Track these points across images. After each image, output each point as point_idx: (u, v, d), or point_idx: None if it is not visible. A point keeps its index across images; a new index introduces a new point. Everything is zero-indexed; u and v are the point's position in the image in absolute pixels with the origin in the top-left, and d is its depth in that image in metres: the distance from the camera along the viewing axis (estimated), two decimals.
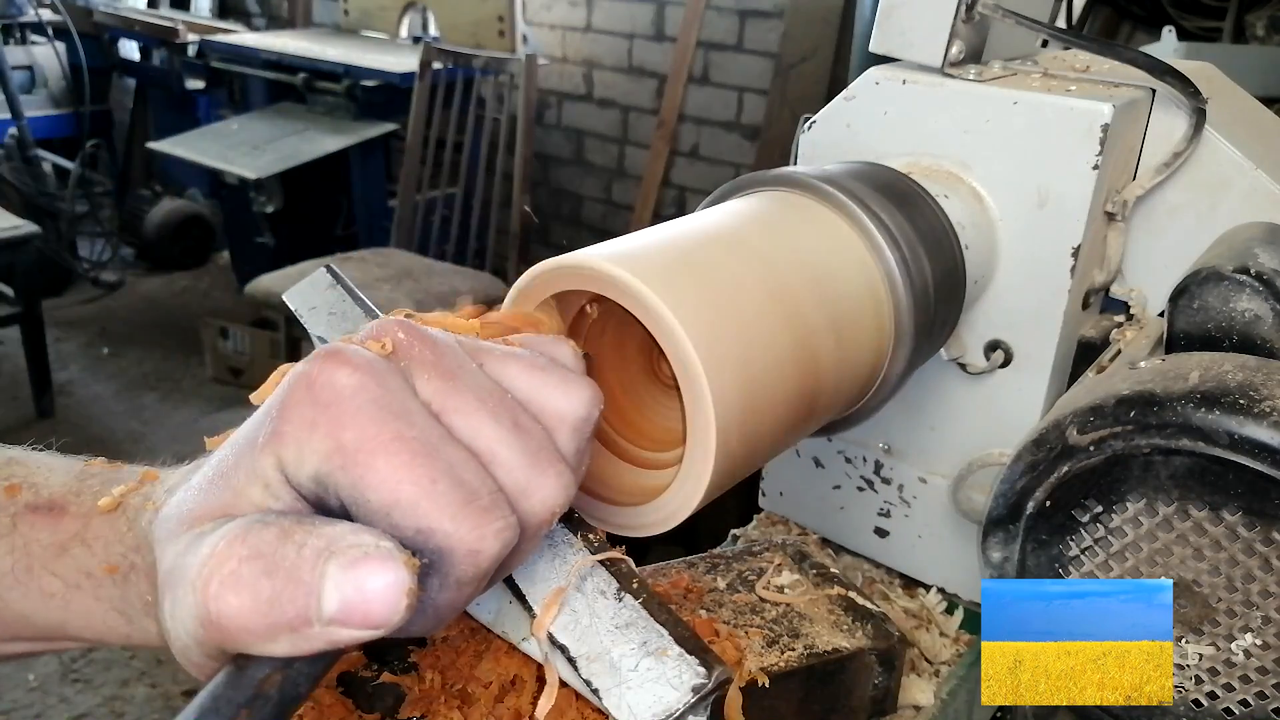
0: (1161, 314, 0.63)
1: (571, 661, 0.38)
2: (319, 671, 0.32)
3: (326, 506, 0.33)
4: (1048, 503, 0.53)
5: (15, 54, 4.41)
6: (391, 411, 0.33)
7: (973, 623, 0.75)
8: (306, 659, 0.32)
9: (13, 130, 4.10)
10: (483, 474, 0.34)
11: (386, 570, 0.31)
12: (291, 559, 0.31)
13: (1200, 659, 0.50)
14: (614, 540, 0.43)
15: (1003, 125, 0.65)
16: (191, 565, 0.31)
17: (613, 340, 0.51)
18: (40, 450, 0.43)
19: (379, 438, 0.32)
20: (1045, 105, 0.63)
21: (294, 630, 0.31)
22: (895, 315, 0.56)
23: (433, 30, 4.01)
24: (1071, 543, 0.53)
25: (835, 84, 3.21)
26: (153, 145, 3.82)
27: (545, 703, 0.40)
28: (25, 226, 3.12)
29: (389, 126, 3.55)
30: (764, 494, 0.85)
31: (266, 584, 0.30)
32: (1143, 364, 0.53)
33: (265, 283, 2.91)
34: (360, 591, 0.30)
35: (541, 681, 0.42)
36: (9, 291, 3.23)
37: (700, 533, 0.82)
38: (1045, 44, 0.84)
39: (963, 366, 0.70)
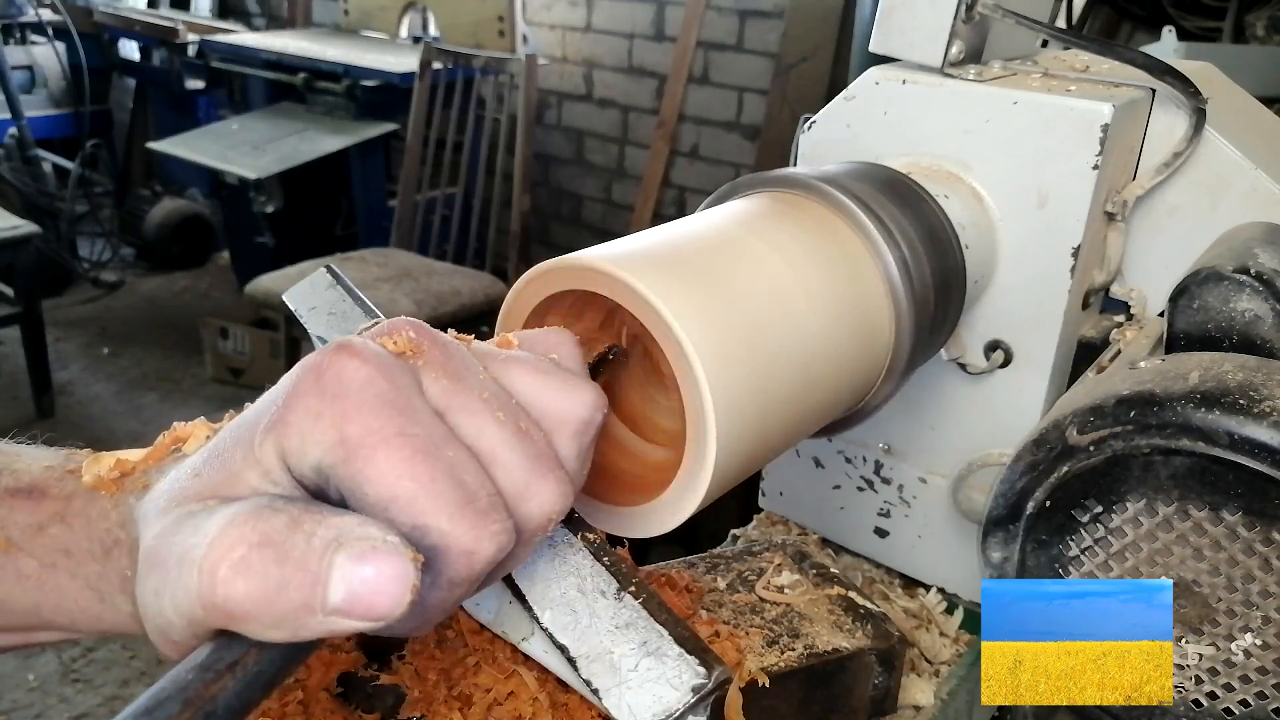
0: (1161, 314, 0.63)
1: (571, 661, 0.38)
2: (299, 657, 0.32)
3: (325, 497, 0.33)
4: (1048, 503, 0.52)
5: (15, 54, 4.41)
6: (397, 407, 0.33)
7: (973, 623, 0.75)
8: (288, 644, 0.32)
9: (13, 130, 4.11)
10: (482, 476, 0.34)
11: (394, 564, 0.30)
12: (301, 548, 0.30)
13: (1200, 659, 0.50)
14: (614, 540, 0.43)
15: (1003, 125, 0.65)
16: (195, 546, 0.31)
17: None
18: (22, 442, 0.43)
19: (382, 432, 0.32)
20: (1045, 105, 0.63)
21: (296, 618, 0.30)
22: (895, 315, 0.56)
23: (433, 30, 4.01)
24: (1071, 543, 0.52)
25: (835, 84, 3.21)
26: (153, 145, 3.82)
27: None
28: (25, 226, 3.12)
29: (389, 126, 3.55)
30: (764, 494, 0.85)
31: (276, 572, 0.30)
32: (1143, 364, 0.53)
33: (265, 283, 2.91)
34: (366, 584, 0.30)
35: (542, 684, 0.42)
36: (9, 291, 3.23)
37: (700, 533, 0.82)
38: (1045, 44, 0.84)
39: (963, 366, 0.70)
